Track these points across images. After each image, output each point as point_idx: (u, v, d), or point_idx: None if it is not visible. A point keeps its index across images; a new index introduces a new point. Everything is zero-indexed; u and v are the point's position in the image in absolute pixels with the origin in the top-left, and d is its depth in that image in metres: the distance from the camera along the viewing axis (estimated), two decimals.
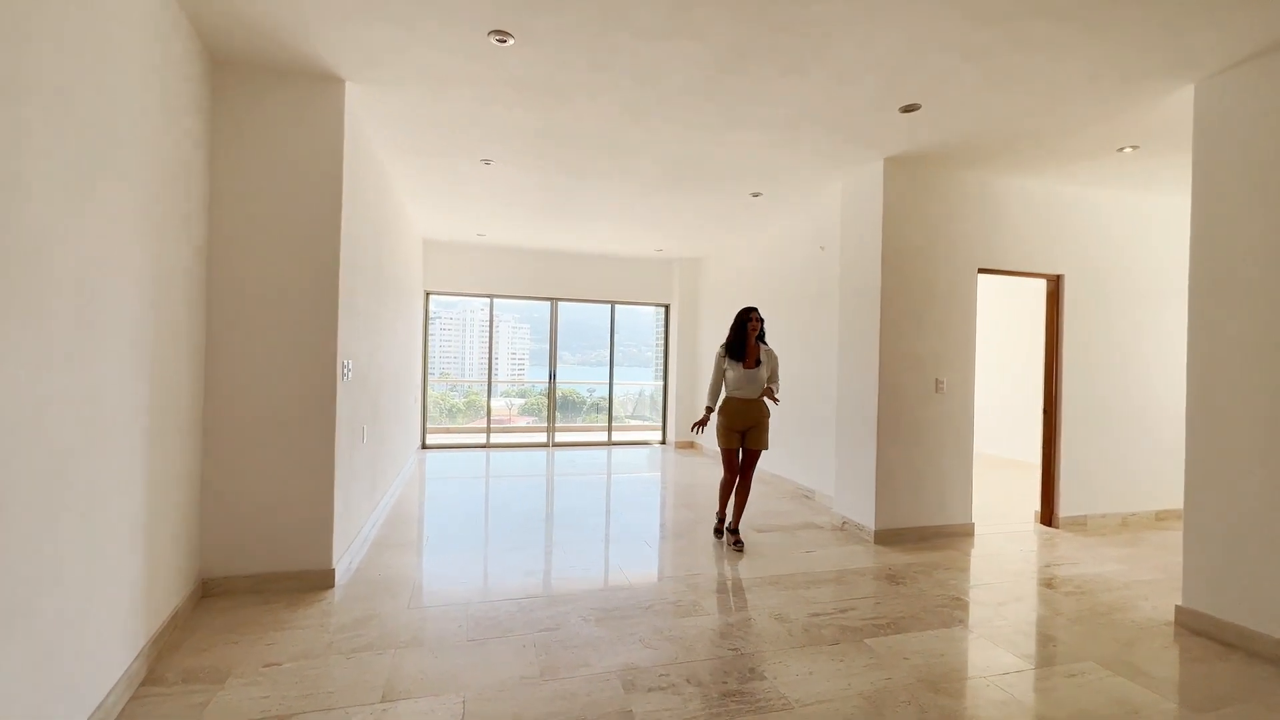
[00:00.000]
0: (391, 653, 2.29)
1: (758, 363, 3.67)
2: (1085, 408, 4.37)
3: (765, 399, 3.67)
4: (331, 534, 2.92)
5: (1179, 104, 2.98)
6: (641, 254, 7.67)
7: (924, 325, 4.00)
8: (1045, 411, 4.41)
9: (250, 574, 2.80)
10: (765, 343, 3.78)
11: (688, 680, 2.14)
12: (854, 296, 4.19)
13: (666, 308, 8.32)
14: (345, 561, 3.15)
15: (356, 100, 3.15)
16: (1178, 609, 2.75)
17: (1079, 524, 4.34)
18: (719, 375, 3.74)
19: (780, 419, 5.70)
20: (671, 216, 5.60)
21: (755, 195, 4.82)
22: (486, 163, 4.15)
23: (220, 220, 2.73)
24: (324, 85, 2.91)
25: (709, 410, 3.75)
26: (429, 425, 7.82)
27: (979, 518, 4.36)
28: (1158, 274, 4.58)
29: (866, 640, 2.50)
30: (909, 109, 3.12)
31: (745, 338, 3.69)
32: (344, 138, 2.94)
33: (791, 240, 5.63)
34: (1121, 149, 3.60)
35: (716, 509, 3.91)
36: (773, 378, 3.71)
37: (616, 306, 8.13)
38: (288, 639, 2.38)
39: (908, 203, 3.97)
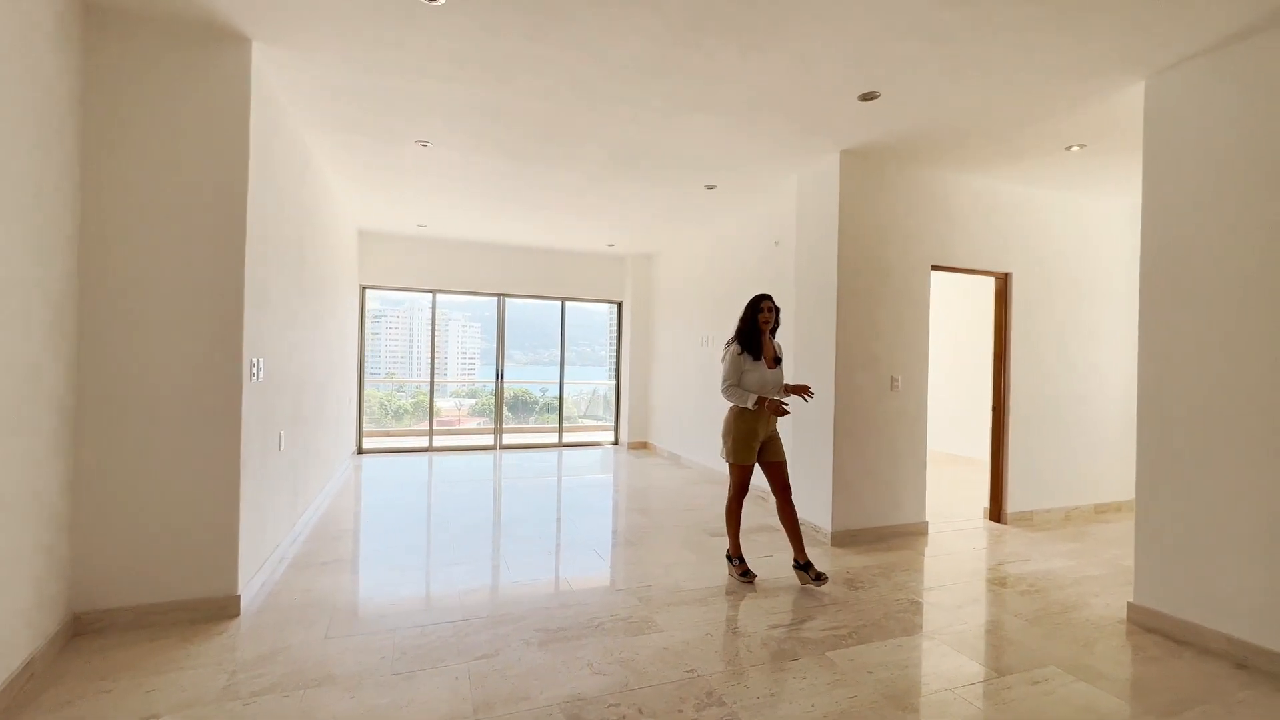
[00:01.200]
0: (299, 695, 1.98)
1: (778, 361, 3.14)
2: (1031, 405, 4.42)
3: (796, 397, 3.09)
4: (236, 554, 2.57)
5: (1126, 103, 2.98)
6: (593, 249, 7.43)
7: (879, 322, 3.94)
8: (994, 409, 4.44)
9: (136, 605, 2.42)
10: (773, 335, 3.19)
11: (640, 710, 1.94)
12: (810, 293, 4.09)
13: (619, 305, 8.11)
14: (255, 585, 2.79)
15: (268, 66, 2.80)
16: (1130, 606, 2.74)
17: (1026, 519, 4.38)
18: (737, 374, 3.07)
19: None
20: (623, 208, 5.39)
21: (710, 187, 4.67)
22: (423, 144, 3.82)
23: (99, 197, 2.34)
24: (225, 45, 2.54)
25: (760, 400, 2.98)
26: (370, 428, 7.35)
27: (930, 515, 4.35)
28: (1100, 273, 4.69)
29: (829, 653, 2.36)
30: (868, 97, 3.02)
31: (759, 332, 3.09)
32: (250, 106, 2.59)
33: (745, 236, 5.52)
34: (1069, 147, 3.62)
35: (728, 543, 3.20)
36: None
37: (568, 304, 7.86)
38: (174, 683, 2.03)
39: (864, 198, 3.89)
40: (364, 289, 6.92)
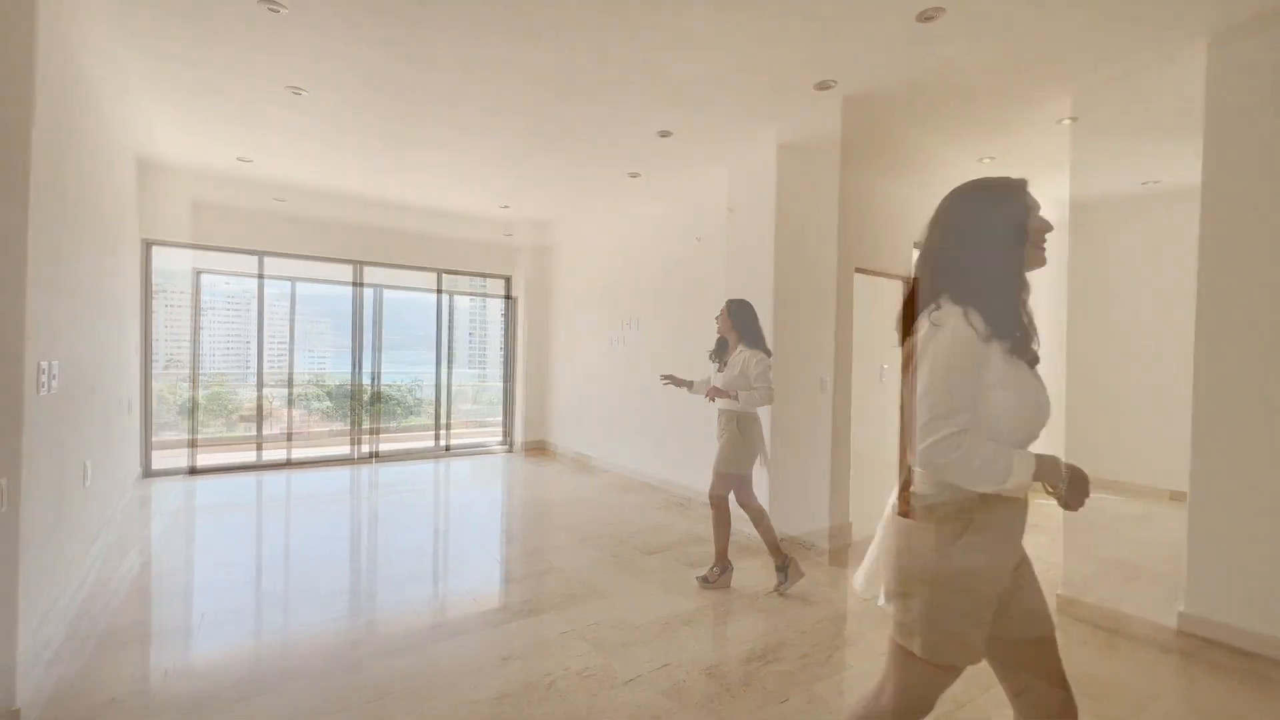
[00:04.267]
0: None
1: (725, 364, 3.16)
2: None
3: (720, 401, 3.08)
4: (14, 649, 1.74)
5: (1042, 118, 3.15)
6: (486, 234, 6.71)
7: (811, 322, 3.87)
8: (901, 409, 4.61)
9: None
10: (752, 346, 3.05)
11: None
12: (743, 291, 3.91)
13: (509, 290, 7.40)
14: (47, 687, 1.95)
15: None
16: (1058, 598, 2.89)
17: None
18: None
19: (653, 424, 5.33)
20: (532, 191, 4.86)
21: (633, 175, 4.33)
22: (297, 92, 3.04)
23: None
24: None
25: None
26: (177, 437, 5.86)
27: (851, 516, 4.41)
28: None
29: (816, 687, 2.14)
30: (823, 86, 2.87)
31: (724, 342, 3.21)
32: None
33: (665, 229, 5.25)
34: (981, 160, 3.81)
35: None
36: (742, 383, 3.00)
37: (421, 294, 6.84)
38: None
39: (798, 195, 3.80)
40: (148, 245, 4.90)
